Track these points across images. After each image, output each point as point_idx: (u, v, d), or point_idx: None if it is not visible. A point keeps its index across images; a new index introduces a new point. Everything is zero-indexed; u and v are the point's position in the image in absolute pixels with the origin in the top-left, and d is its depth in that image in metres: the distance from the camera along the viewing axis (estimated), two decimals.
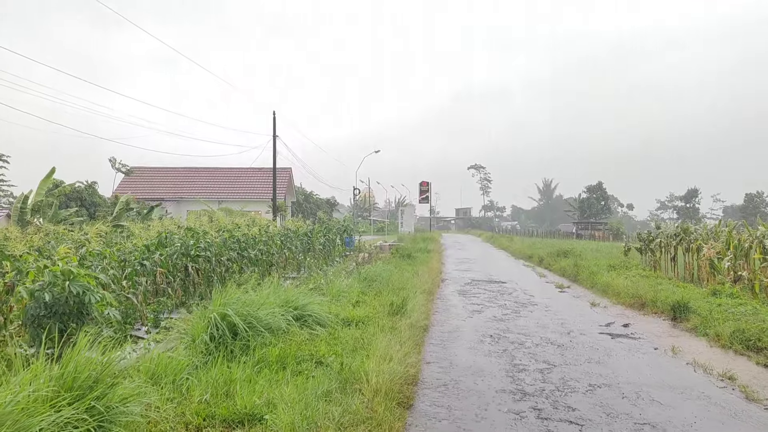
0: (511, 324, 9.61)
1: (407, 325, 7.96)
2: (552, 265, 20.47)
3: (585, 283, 15.59)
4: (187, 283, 12.67)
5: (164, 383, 4.93)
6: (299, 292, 8.95)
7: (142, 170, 48.69)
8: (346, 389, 5.21)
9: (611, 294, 13.10)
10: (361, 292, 11.07)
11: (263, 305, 7.22)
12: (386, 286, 11.86)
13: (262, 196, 44.32)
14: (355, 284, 11.75)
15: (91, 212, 32.86)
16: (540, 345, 8.00)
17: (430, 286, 13.65)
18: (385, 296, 10.50)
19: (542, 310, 11.15)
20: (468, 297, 13.05)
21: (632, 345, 8.13)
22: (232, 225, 24.02)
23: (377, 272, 13.79)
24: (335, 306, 9.14)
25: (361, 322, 8.10)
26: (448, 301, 12.41)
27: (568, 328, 9.27)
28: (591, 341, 8.31)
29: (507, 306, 11.68)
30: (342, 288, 10.94)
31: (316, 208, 64.30)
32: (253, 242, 17.10)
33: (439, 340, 8.32)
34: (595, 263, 18.35)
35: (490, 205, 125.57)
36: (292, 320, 7.43)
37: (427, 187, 69.39)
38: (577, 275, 16.82)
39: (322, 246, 23.52)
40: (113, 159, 38.31)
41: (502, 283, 16.25)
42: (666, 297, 11.00)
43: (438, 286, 15.07)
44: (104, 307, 7.26)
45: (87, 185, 35.20)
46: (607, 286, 13.74)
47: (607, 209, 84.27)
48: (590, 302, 12.34)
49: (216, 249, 14.13)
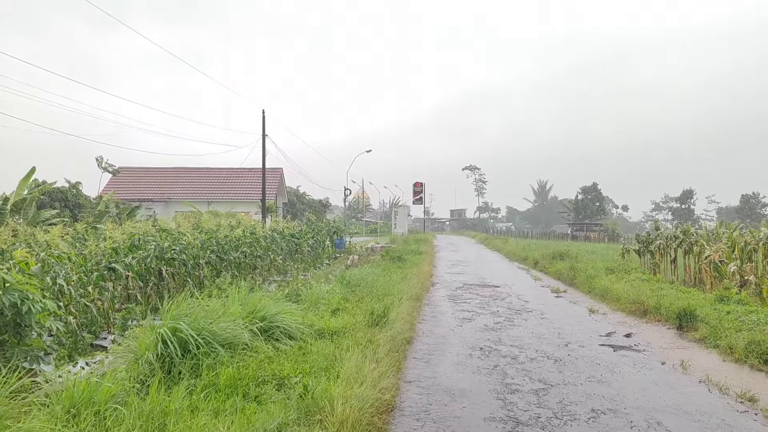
0: (504, 334, 8.81)
1: (388, 338, 7.14)
2: (547, 268, 19.70)
3: (582, 287, 14.82)
4: (161, 288, 11.89)
5: (85, 416, 4.10)
6: (271, 300, 8.13)
7: (130, 170, 47.66)
8: (306, 421, 4.40)
9: (610, 299, 12.33)
10: (343, 298, 10.25)
11: (224, 316, 6.40)
12: (370, 291, 11.04)
13: (252, 197, 43.40)
14: (337, 289, 10.92)
15: (75, 213, 31.90)
16: (535, 360, 7.20)
17: (419, 291, 12.84)
18: (368, 303, 9.69)
19: (537, 318, 10.36)
20: (458, 303, 12.25)
21: (637, 359, 7.34)
22: (215, 226, 23.17)
23: (362, 276, 12.98)
24: (311, 315, 8.31)
25: (336, 334, 7.28)
26: (436, 307, 11.61)
27: (566, 339, 8.47)
28: (591, 355, 7.52)
29: (500, 313, 10.88)
30: (322, 294, 10.11)
31: (309, 209, 63.45)
32: (236, 244, 16.27)
33: (423, 353, 7.51)
34: (592, 266, 17.60)
35: (485, 207, 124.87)
36: (258, 333, 6.60)
37: (421, 187, 68.62)
38: (573, 279, 16.06)
39: (310, 248, 22.65)
40: (100, 158, 37.30)
41: (496, 287, 15.46)
42: (670, 303, 10.24)
43: (427, 291, 14.27)
44: (47, 317, 6.44)
45: (71, 185, 34.22)
46: (606, 291, 12.98)
47: (602, 210, 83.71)
48: (588, 309, 11.57)
49: (194, 251, 13.32)
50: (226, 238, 16.29)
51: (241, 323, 6.55)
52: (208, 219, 29.83)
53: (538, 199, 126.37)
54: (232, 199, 44.13)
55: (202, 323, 5.94)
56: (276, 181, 47.65)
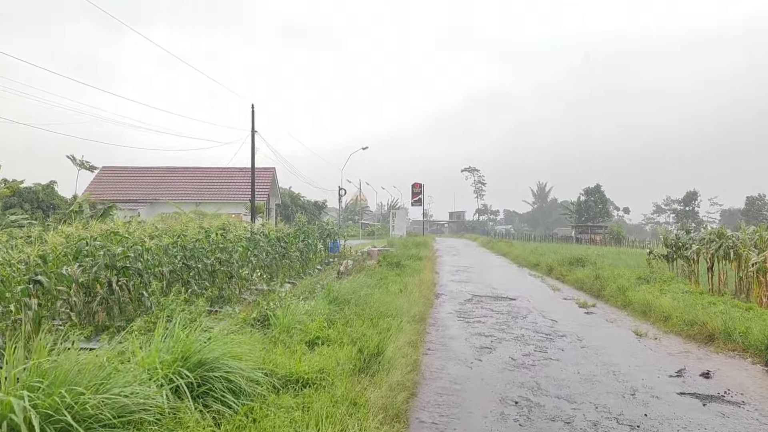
0: (540, 374, 6.54)
1: (382, 395, 4.86)
2: (565, 276, 17.44)
3: (614, 300, 12.57)
4: (111, 302, 9.65)
5: None
6: (222, 332, 5.87)
7: (113, 170, 45.30)
8: None
9: (656, 318, 10.09)
10: (327, 319, 7.99)
11: (125, 372, 4.11)
12: (362, 311, 8.78)
13: (243, 198, 41.01)
14: (320, 308, 8.61)
15: (48, 215, 29.60)
16: (599, 425, 4.93)
17: (422, 308, 10.57)
18: (358, 327, 7.43)
19: (576, 346, 8.10)
20: (471, 323, 9.99)
21: (742, 423, 5.08)
22: (197, 227, 20.88)
23: (354, 289, 10.71)
24: (279, 350, 6.03)
25: (309, 385, 5.01)
26: (444, 329, 9.33)
27: (628, 383, 6.21)
28: (675, 414, 5.25)
29: (526, 338, 8.61)
30: (299, 315, 7.81)
31: (303, 210, 61.08)
32: (211, 249, 14.01)
33: (433, 414, 5.23)
34: (618, 274, 15.37)
35: (484, 209, 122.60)
36: (187, 391, 4.32)
37: (419, 189, 66.27)
38: (601, 290, 13.80)
39: (300, 252, 20.26)
40: (72, 156, 34.78)
41: (511, 300, 13.21)
42: (745, 328, 7.99)
43: (431, 305, 12.01)
44: None
45: (44, 185, 31.88)
46: (648, 307, 10.73)
47: (606, 212, 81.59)
48: (633, 331, 9.32)
49: (158, 258, 11.11)
50: (198, 243, 14.03)
51: (160, 377, 4.28)
52: (190, 220, 27.56)
53: (537, 201, 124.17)
54: (222, 200, 41.77)
55: (81, 389, 3.64)
56: (268, 181, 45.35)
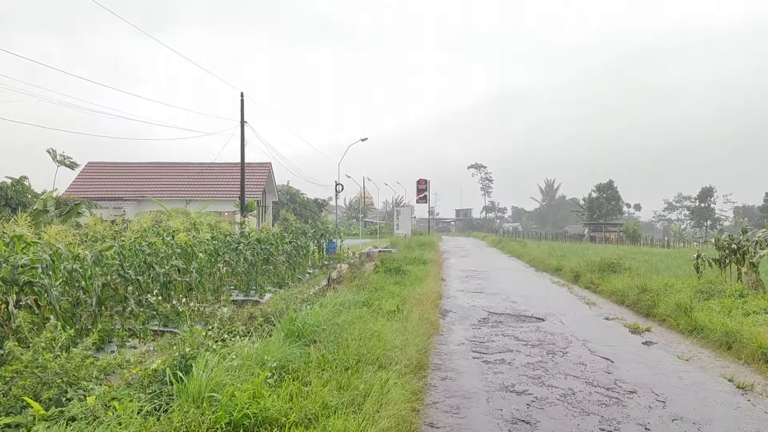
0: None
1: None
2: (598, 286, 14.46)
3: (674, 323, 9.61)
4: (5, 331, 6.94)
5: None
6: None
7: (99, 166, 42.67)
8: None
9: (750, 356, 7.17)
10: (279, 369, 5.17)
11: None
12: (337, 351, 5.92)
13: (235, 195, 38.20)
14: (270, 353, 5.69)
15: (16, 212, 26.92)
16: None
17: (422, 341, 7.64)
18: (319, 391, 4.59)
19: (664, 418, 5.20)
20: (492, 363, 7.10)
21: None
22: (164, 228, 18.12)
23: (332, 313, 7.87)
24: None
25: None
26: (455, 381, 6.43)
27: None
28: None
29: (579, 398, 5.72)
30: (222, 374, 4.88)
31: (303, 208, 58.26)
32: (166, 256, 11.31)
33: None
34: (668, 284, 12.45)
35: (492, 206, 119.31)
36: None
37: (425, 185, 63.21)
38: (652, 307, 10.86)
39: (287, 255, 17.28)
40: (52, 150, 32.13)
41: (539, 320, 10.31)
42: None
43: (436, 330, 9.15)
44: None
45: (14, 180, 29.19)
46: (732, 337, 7.81)
47: (618, 209, 78.29)
48: (727, 377, 6.43)
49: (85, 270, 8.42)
50: (151, 247, 11.27)
51: None
52: (171, 218, 24.79)
53: (546, 198, 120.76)
54: (214, 197, 38.93)
55: None
56: (263, 177, 42.57)
